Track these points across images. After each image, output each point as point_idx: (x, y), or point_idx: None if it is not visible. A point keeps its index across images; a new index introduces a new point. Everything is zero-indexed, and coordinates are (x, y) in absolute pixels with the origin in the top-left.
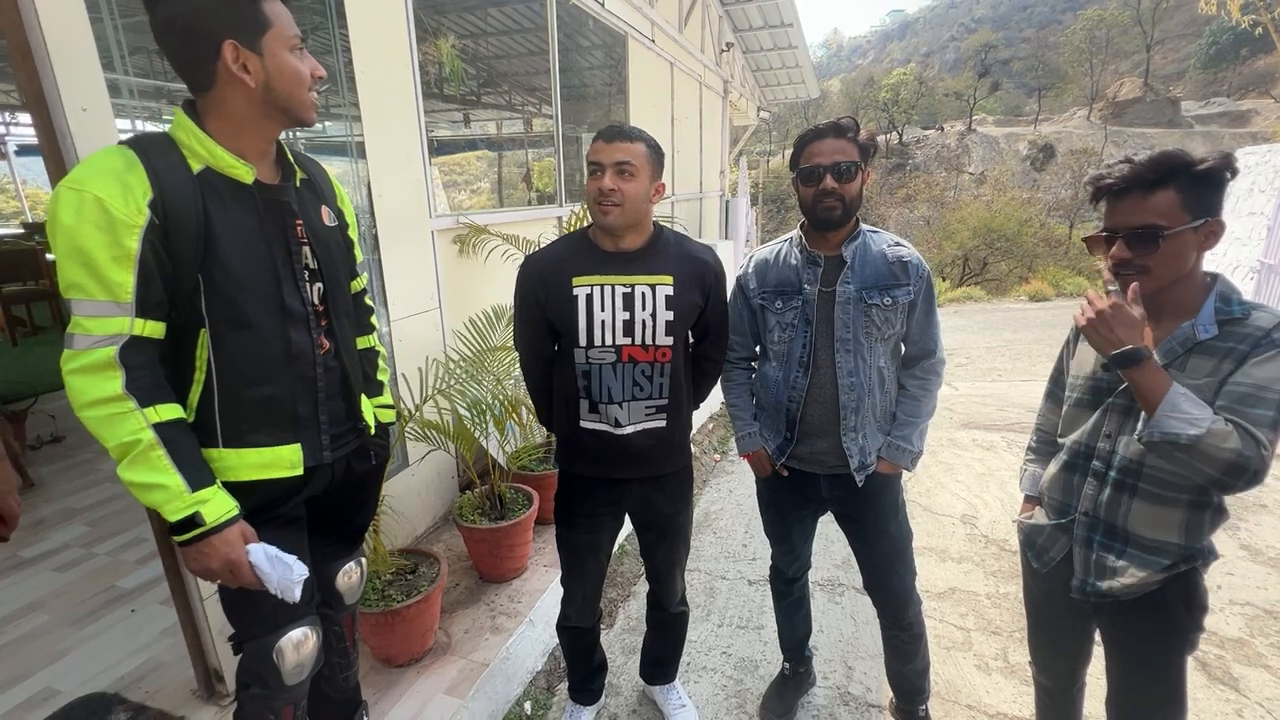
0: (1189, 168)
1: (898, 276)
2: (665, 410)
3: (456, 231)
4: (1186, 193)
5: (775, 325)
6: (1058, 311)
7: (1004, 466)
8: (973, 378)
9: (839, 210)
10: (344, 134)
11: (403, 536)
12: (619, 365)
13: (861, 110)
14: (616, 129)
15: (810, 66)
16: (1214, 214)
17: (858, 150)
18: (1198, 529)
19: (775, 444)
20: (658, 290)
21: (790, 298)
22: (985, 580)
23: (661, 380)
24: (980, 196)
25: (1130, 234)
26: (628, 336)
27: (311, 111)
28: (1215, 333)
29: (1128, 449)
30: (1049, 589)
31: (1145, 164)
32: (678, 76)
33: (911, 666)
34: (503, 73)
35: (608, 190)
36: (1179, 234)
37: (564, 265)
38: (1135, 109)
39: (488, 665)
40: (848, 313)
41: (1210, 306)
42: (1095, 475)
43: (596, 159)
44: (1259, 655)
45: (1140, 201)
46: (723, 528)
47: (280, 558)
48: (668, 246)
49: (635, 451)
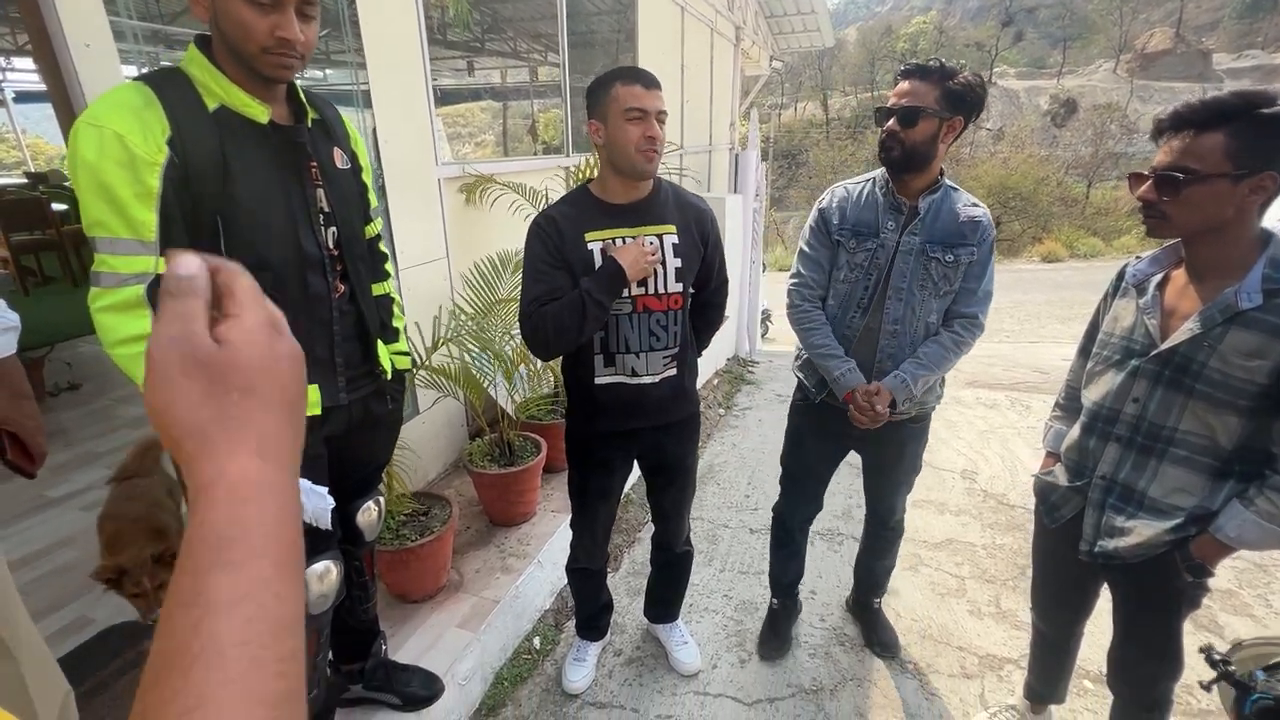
0: (1253, 109)
1: (966, 236)
2: (677, 358)
3: (463, 180)
4: (1240, 138)
5: (845, 264)
6: (1070, 273)
7: (1006, 424)
8: (980, 338)
9: (896, 152)
10: (349, 82)
11: (416, 480)
12: (635, 315)
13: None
14: (647, 74)
15: (826, 13)
16: (1275, 167)
17: (938, 95)
18: (1216, 493)
19: (815, 378)
20: (665, 239)
21: (865, 239)
22: (982, 532)
23: (676, 329)
24: (997, 154)
25: (1159, 174)
26: (641, 286)
27: (271, 69)
28: (1259, 303)
29: (1158, 414)
30: (1057, 545)
31: (1201, 102)
32: (688, 22)
33: (882, 563)
34: (507, 18)
35: (658, 138)
36: (1206, 181)
37: (576, 222)
38: (1164, 61)
39: (498, 602)
40: (907, 263)
41: (1258, 271)
42: (1119, 440)
43: (640, 105)
44: (1245, 605)
45: (1186, 141)
46: (726, 479)
47: (314, 489)
48: (668, 196)
49: (651, 401)
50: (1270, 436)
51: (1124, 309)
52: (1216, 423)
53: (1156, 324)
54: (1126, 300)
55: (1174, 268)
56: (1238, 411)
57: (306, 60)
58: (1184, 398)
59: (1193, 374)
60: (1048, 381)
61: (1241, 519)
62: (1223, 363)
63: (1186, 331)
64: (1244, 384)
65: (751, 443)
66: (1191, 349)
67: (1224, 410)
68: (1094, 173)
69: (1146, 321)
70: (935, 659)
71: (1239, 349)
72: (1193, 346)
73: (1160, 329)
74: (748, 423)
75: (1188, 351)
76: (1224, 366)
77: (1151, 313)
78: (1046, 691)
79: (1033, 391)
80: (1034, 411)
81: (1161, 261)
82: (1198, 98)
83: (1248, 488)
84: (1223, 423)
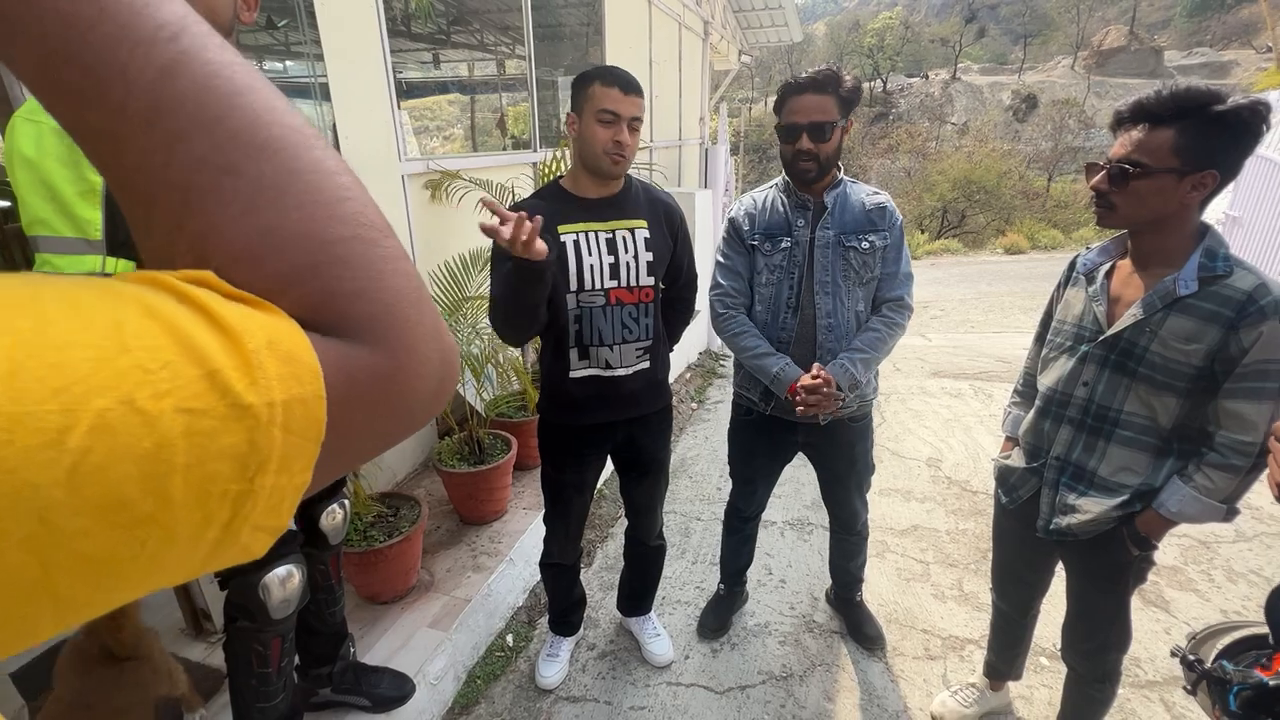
0: (1204, 108)
1: (874, 223)
2: (650, 351)
3: (428, 176)
4: (1189, 135)
5: (764, 268)
6: (1031, 265)
7: (970, 413)
8: (946, 329)
9: (813, 171)
10: (306, 74)
11: (383, 481)
12: (608, 308)
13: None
14: (630, 79)
15: (794, 8)
16: (1215, 165)
17: (838, 105)
18: (1158, 469)
19: (760, 389)
20: (636, 234)
21: (778, 239)
22: (946, 518)
23: (647, 321)
24: (962, 148)
25: (1113, 166)
26: (614, 279)
27: None
28: (1195, 289)
29: (1105, 396)
30: (1015, 525)
31: (1159, 97)
32: (656, 15)
33: (854, 563)
34: (473, 9)
35: (626, 144)
36: (1153, 176)
37: (548, 215)
38: (1119, 58)
39: (469, 601)
40: (827, 256)
41: (1195, 261)
42: (1071, 422)
43: (614, 108)
44: (1190, 580)
45: (1140, 135)
46: (698, 472)
47: None
48: (637, 192)
49: (626, 393)
50: (1206, 416)
51: (1075, 297)
52: (1157, 404)
53: (1104, 311)
54: (1077, 289)
55: (1120, 258)
56: (1176, 393)
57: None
58: (1128, 380)
59: (1136, 357)
60: (1009, 370)
61: (1181, 494)
62: (1163, 346)
63: (1130, 317)
64: (1182, 366)
65: (723, 436)
66: (1135, 334)
67: (1164, 392)
68: (1054, 167)
69: (1095, 309)
70: (901, 642)
71: (1177, 333)
72: (1136, 331)
73: (1107, 315)
74: (720, 416)
75: (1131, 336)
76: (1164, 350)
77: (1099, 300)
78: (1005, 668)
79: (995, 380)
80: (996, 400)
81: (1110, 252)
82: (1161, 89)
83: (1186, 465)
84: (1163, 404)
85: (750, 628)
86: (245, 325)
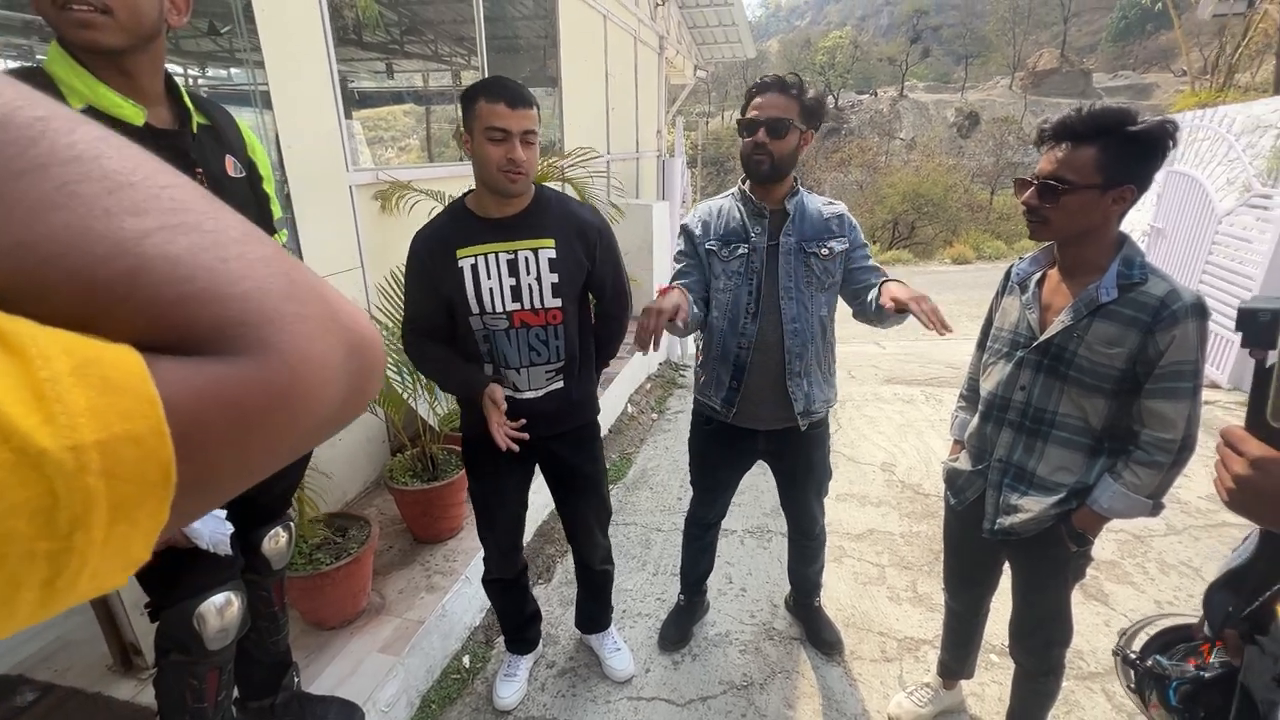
0: (1121, 127)
1: (832, 230)
2: (563, 372)
3: (378, 187)
4: (1110, 152)
5: (721, 273)
6: (978, 274)
7: (921, 418)
8: (898, 337)
9: (766, 165)
10: (246, 82)
11: (332, 501)
12: (512, 331)
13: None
14: (516, 90)
15: (747, 25)
16: (1133, 180)
17: (799, 110)
18: (1091, 468)
19: (721, 396)
20: (540, 254)
21: (735, 245)
22: (900, 521)
23: (557, 343)
24: (910, 162)
25: (1041, 182)
26: (516, 302)
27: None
28: (1116, 296)
29: (1041, 399)
30: (963, 526)
31: (1078, 117)
32: (611, 30)
33: (812, 568)
34: (427, 20)
35: (521, 161)
36: (1079, 191)
37: (448, 239)
38: (1052, 79)
39: (423, 623)
40: (790, 262)
41: (1114, 269)
42: (1011, 425)
43: (503, 125)
44: (1126, 574)
45: (1065, 152)
46: (659, 483)
47: (210, 513)
48: (549, 208)
49: (538, 413)
50: (1132, 416)
51: (1010, 305)
52: (1088, 405)
53: (1036, 317)
54: (1012, 297)
55: (1050, 267)
56: (1104, 394)
57: (120, 20)
58: (1060, 383)
59: (1066, 361)
60: (958, 375)
61: (1112, 491)
62: (1090, 351)
63: (1059, 324)
64: (1107, 369)
65: (684, 446)
66: (1064, 339)
67: (1093, 394)
68: (996, 180)
69: (1028, 316)
70: (858, 645)
71: (1101, 338)
72: (1065, 337)
73: (1039, 322)
74: (680, 426)
75: (1061, 341)
76: (1090, 354)
77: (1032, 307)
78: (958, 667)
79: (945, 385)
80: (945, 405)
81: (1040, 261)
82: (1080, 109)
83: (1115, 463)
84: (1092, 405)
85: (711, 638)
86: (40, 346)
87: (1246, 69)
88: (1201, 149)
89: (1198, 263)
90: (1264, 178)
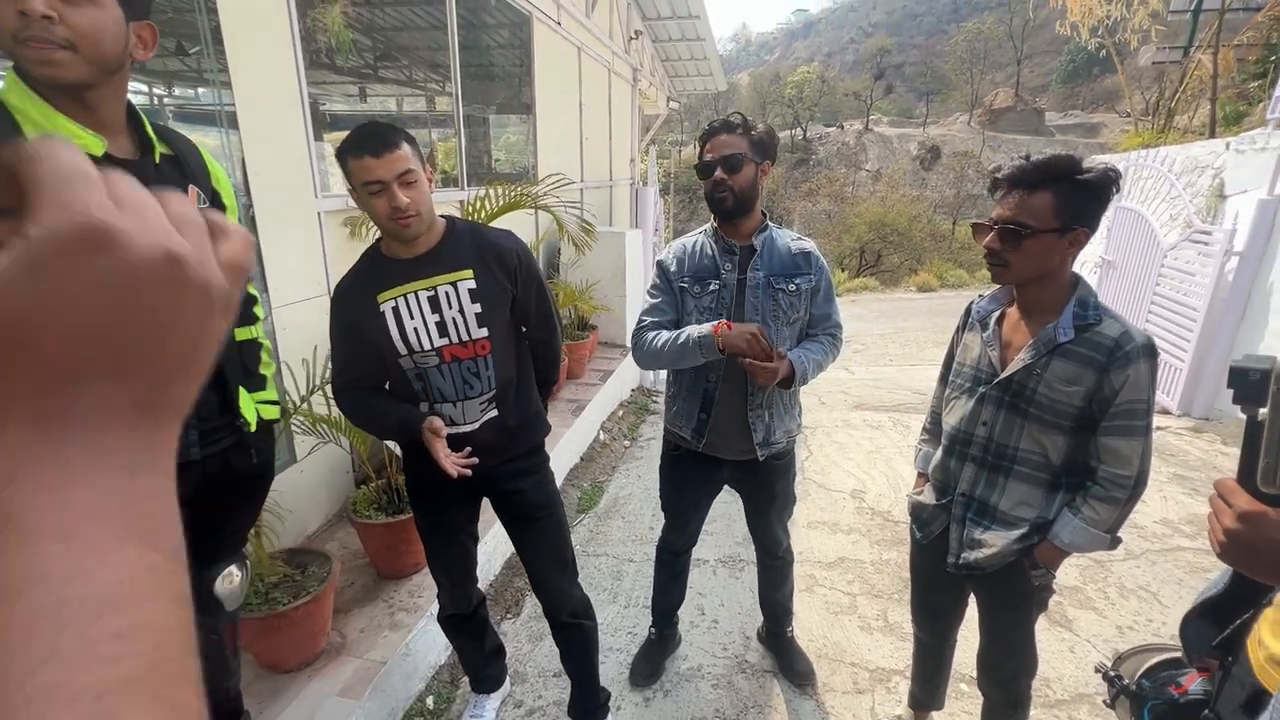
0: (1071, 174)
1: (800, 266)
2: (496, 400)
3: (348, 213)
4: (1063, 198)
5: (694, 309)
6: (942, 301)
7: (890, 445)
8: (867, 363)
9: (730, 199)
10: (212, 101)
11: (292, 536)
12: (444, 366)
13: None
14: (379, 137)
15: (718, 59)
16: (1085, 223)
17: (749, 144)
18: (1051, 503)
19: (691, 427)
20: (460, 286)
21: (707, 281)
22: (870, 549)
23: (489, 373)
24: (876, 193)
25: (1002, 227)
26: (444, 337)
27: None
28: (1073, 336)
29: (1003, 435)
30: (929, 559)
31: (1032, 165)
32: (585, 61)
33: (781, 591)
34: (402, 46)
35: (404, 205)
36: (1040, 236)
37: (367, 286)
38: (1008, 117)
39: (385, 663)
40: (758, 296)
41: (1070, 310)
42: (974, 460)
43: (375, 177)
44: (1089, 599)
45: (1020, 198)
46: (630, 511)
47: None
48: (463, 238)
49: (476, 444)
50: (1089, 452)
51: (972, 341)
52: (1047, 441)
53: (997, 355)
54: (973, 334)
55: (1009, 305)
56: (1062, 431)
57: (84, 56)
58: (1021, 420)
59: (1026, 399)
60: (924, 401)
61: (1072, 526)
62: (1049, 389)
63: (1019, 362)
64: (1065, 407)
65: (656, 473)
66: (1024, 377)
67: (1052, 430)
68: (957, 211)
69: (989, 353)
70: (830, 677)
71: (1060, 376)
72: (1025, 375)
73: (1000, 359)
74: (652, 453)
75: (1021, 379)
76: (1050, 392)
77: (993, 345)
78: (928, 699)
79: (912, 412)
80: (912, 431)
81: (1000, 299)
82: (1028, 158)
83: (1074, 498)
84: (1052, 441)
85: (683, 672)
86: None
87: (1184, 111)
88: (1146, 186)
89: (1146, 293)
90: (1203, 215)
